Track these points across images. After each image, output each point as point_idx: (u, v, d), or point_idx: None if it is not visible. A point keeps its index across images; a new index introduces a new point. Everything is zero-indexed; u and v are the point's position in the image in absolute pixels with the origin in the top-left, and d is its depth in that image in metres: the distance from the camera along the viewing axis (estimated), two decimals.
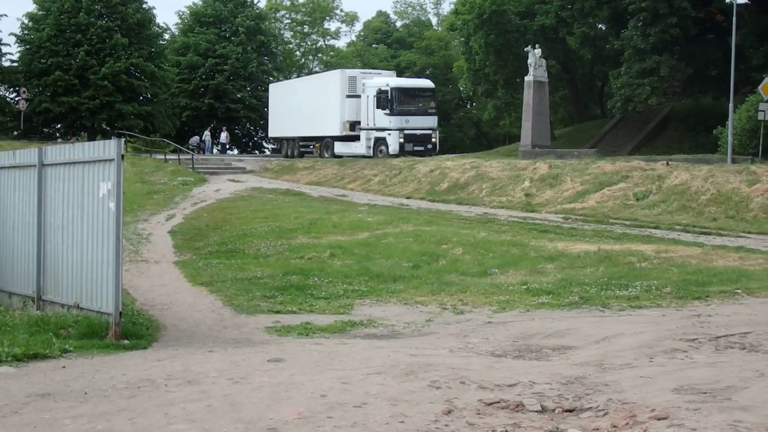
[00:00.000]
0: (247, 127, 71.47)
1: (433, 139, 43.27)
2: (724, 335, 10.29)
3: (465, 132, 79.96)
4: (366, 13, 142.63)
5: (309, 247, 20.39)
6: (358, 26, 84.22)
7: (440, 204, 31.25)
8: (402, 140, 41.73)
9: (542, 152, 38.08)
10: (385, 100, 41.96)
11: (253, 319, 13.02)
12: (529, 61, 41.58)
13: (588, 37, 52.80)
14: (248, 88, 67.97)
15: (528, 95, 40.96)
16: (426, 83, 45.88)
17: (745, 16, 43.27)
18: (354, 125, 44.23)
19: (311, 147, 48.87)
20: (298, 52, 79.60)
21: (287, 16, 78.37)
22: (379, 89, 42.36)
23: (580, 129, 57.82)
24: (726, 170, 27.29)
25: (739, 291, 14.04)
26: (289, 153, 51.49)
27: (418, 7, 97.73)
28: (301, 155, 49.72)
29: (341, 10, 79.01)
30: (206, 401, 7.52)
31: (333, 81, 46.06)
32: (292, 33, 79.37)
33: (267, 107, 58.21)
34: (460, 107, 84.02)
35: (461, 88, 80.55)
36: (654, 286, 14.55)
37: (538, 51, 41.91)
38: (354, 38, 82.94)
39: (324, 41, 79.02)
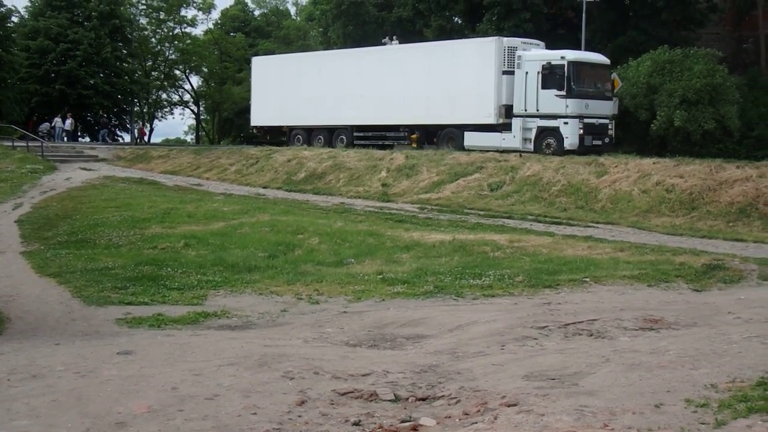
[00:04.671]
0: (100, 115, 69.50)
1: (610, 131, 33.41)
2: (573, 322, 10.56)
3: None
4: (223, 1, 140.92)
5: (162, 237, 19.97)
6: (216, 14, 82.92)
7: (297, 194, 31.17)
8: (582, 131, 31.76)
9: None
10: (559, 77, 31.92)
11: (102, 311, 12.65)
12: None
13: (444, 29, 53.49)
14: (101, 75, 65.98)
15: None
16: (604, 59, 35.03)
17: (594, 12, 44.69)
18: (508, 110, 33.57)
19: (405, 138, 37.31)
20: (153, 39, 77.83)
21: (143, 1, 76.54)
22: (549, 63, 32.31)
23: None
24: (576, 162, 28.12)
25: (588, 279, 14.45)
26: (316, 144, 40.42)
27: None
28: (352, 146, 38.47)
29: None
30: (51, 396, 7.28)
31: (481, 52, 34.62)
32: (147, 19, 77.58)
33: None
34: None
35: None
36: (507, 275, 14.83)
37: (395, 42, 42.24)
38: (211, 26, 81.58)
39: (180, 29, 77.41)
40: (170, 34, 77.13)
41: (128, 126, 70.29)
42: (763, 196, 22.83)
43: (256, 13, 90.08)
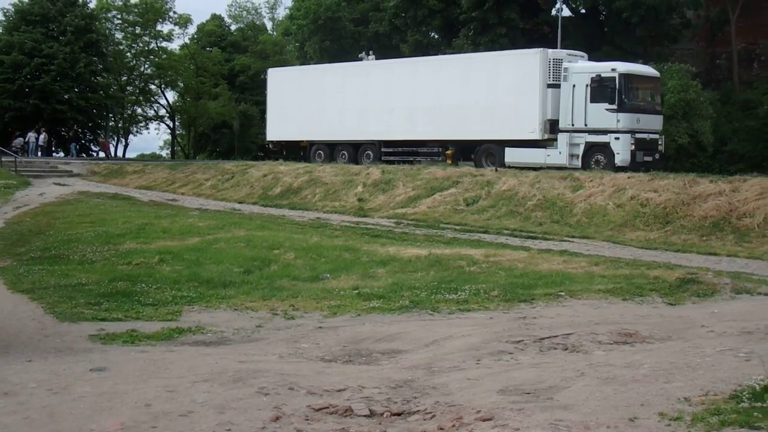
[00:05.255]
0: (74, 130, 69.21)
1: (660, 146, 32.32)
2: (548, 336, 10.57)
3: None
4: (200, 16, 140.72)
5: (137, 253, 19.82)
6: (192, 29, 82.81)
7: (273, 209, 31.16)
8: (633, 147, 30.63)
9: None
10: (610, 91, 30.73)
11: (76, 327, 12.52)
12: None
13: (421, 44, 53.84)
14: (76, 89, 65.73)
15: None
16: (654, 71, 34.17)
17: (570, 28, 45.11)
18: (553, 125, 32.35)
19: (438, 155, 35.86)
20: (129, 54, 77.63)
21: (118, 16, 76.31)
22: (598, 76, 31.08)
23: None
24: (551, 176, 28.25)
25: (563, 293, 14.47)
26: (340, 160, 38.75)
27: (253, 11, 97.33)
28: (380, 162, 36.48)
29: (174, 12, 77.31)
30: (23, 413, 7.19)
31: (525, 65, 33.17)
32: (123, 34, 77.39)
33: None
34: None
35: None
36: (482, 290, 14.81)
37: (372, 57, 42.28)
38: (187, 41, 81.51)
39: (156, 43, 77.30)
40: (146, 48, 76.98)
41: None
42: (736, 210, 23.02)
43: (233, 27, 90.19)
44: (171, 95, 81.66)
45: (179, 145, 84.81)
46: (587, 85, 31.12)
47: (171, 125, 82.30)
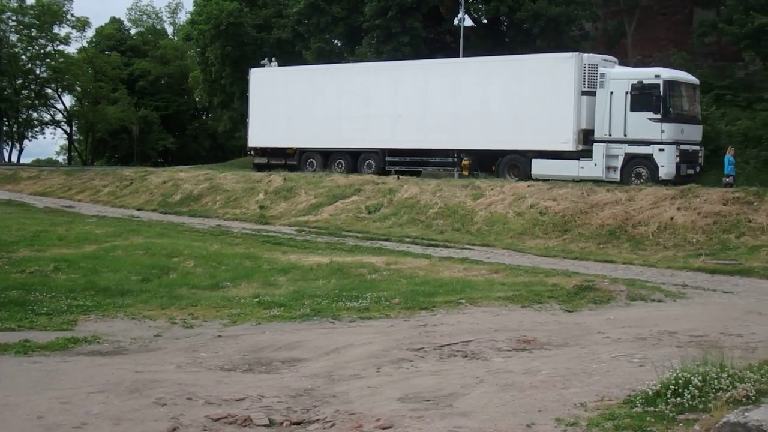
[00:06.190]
0: None
1: (701, 158, 30.17)
2: (448, 344, 10.64)
3: (200, 143, 79.15)
4: (99, 19, 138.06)
5: (31, 261, 19.29)
6: (91, 32, 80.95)
7: (173, 216, 30.76)
8: (678, 159, 28.42)
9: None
10: (655, 99, 28.46)
11: None
12: None
13: (324, 51, 53.70)
14: None
15: None
16: (694, 78, 31.45)
17: (472, 38, 45.62)
18: (586, 135, 30.03)
19: (452, 165, 33.36)
20: (24, 56, 75.63)
21: (13, 18, 74.21)
22: (640, 83, 28.80)
23: None
24: (453, 185, 28.54)
25: (463, 301, 14.59)
26: (336, 170, 35.59)
27: (154, 16, 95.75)
28: (383, 173, 33.84)
29: (72, 15, 75.42)
30: None
31: (557, 70, 30.68)
32: (18, 36, 75.34)
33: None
34: (196, 118, 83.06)
35: (197, 99, 79.53)
36: (383, 297, 14.84)
37: (274, 64, 42.04)
38: (85, 44, 79.75)
39: (53, 46, 75.44)
40: (42, 51, 75.03)
41: None
42: (632, 218, 23.59)
43: (133, 32, 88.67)
44: (68, 99, 79.83)
45: (76, 150, 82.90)
46: (627, 93, 29.04)
47: (68, 130, 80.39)
